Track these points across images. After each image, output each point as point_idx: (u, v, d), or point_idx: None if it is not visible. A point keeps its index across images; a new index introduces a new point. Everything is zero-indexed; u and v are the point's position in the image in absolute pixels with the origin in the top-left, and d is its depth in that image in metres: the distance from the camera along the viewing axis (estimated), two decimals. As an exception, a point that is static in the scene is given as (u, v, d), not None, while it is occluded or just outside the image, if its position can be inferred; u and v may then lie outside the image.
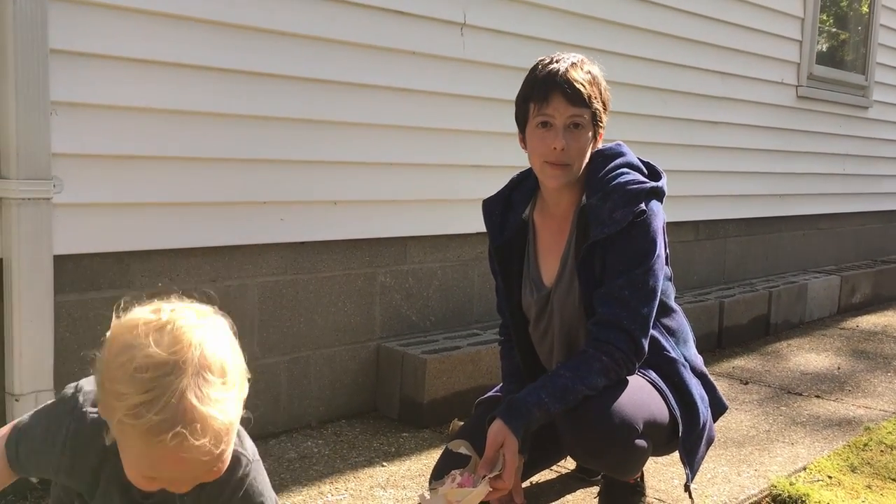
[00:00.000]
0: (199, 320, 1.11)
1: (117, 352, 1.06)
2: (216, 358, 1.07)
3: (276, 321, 2.75)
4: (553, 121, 1.92)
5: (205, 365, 1.06)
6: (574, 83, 1.90)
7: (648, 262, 1.92)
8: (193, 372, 1.04)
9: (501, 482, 1.81)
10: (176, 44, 2.37)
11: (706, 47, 4.42)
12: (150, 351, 1.04)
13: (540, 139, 1.94)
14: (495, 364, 2.97)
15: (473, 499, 1.79)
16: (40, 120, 2.10)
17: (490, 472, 1.81)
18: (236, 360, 1.12)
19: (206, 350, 1.07)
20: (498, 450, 1.82)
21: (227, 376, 1.08)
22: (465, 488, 1.80)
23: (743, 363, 3.97)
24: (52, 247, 2.17)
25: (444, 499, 1.82)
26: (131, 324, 1.08)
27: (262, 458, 2.56)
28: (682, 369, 2.05)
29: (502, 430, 1.83)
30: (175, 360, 1.04)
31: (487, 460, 1.82)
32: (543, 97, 1.92)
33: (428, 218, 3.17)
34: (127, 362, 1.04)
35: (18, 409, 2.13)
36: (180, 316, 1.09)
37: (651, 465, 2.52)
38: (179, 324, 1.07)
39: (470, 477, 1.84)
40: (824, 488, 2.50)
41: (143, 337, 1.06)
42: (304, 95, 2.69)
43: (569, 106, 1.91)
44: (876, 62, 6.00)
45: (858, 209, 6.18)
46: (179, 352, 1.05)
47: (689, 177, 4.37)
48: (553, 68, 1.93)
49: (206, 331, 1.09)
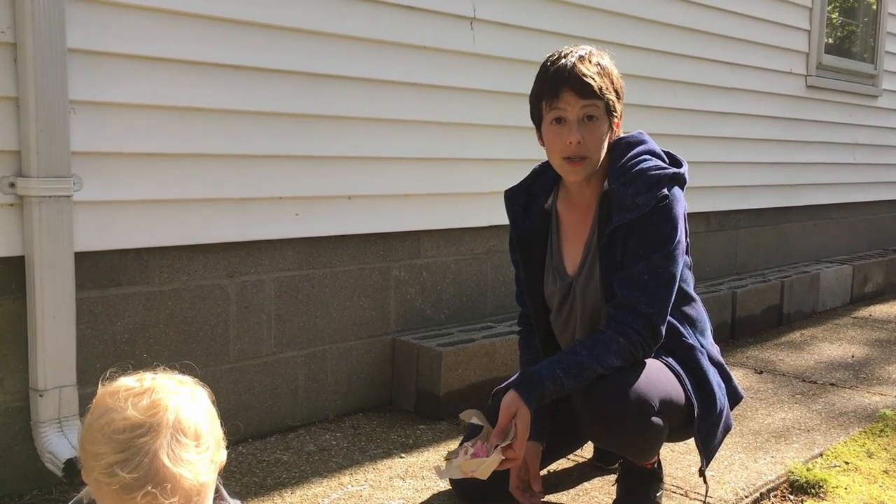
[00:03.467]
0: (178, 387, 1.16)
1: (98, 415, 1.12)
2: (191, 422, 1.12)
3: (293, 316, 2.78)
4: (566, 115, 1.94)
5: (179, 428, 1.10)
6: (583, 77, 1.92)
7: (669, 247, 1.93)
8: (167, 434, 1.09)
9: (512, 451, 1.84)
10: (192, 42, 2.39)
11: (715, 38, 4.42)
12: (127, 414, 1.09)
13: (556, 135, 1.96)
14: (510, 356, 3.00)
15: (487, 468, 1.83)
16: (59, 119, 2.12)
17: (502, 441, 1.83)
18: (212, 425, 1.17)
19: (181, 414, 1.12)
20: (510, 420, 1.86)
21: (200, 439, 1.13)
22: (478, 458, 1.84)
23: (756, 353, 3.97)
24: (72, 244, 2.19)
25: (459, 469, 1.85)
26: (113, 390, 1.14)
27: (282, 452, 2.59)
28: (700, 356, 2.06)
29: (515, 401, 1.86)
30: (151, 422, 1.09)
31: (500, 430, 1.86)
32: (554, 93, 1.94)
33: (441, 212, 3.19)
34: (105, 425, 1.09)
35: (43, 404, 2.17)
36: (160, 384, 1.15)
37: (668, 453, 2.53)
38: (158, 390, 1.13)
39: (483, 446, 1.87)
40: (841, 474, 2.51)
41: (123, 401, 1.11)
42: (317, 92, 2.71)
43: (579, 99, 1.93)
44: (885, 51, 5.99)
45: (869, 198, 6.17)
46: (155, 415, 1.10)
47: (700, 168, 4.37)
48: (561, 64, 1.95)
49: (182, 397, 1.15)
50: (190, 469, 1.09)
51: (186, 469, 1.09)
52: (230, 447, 1.27)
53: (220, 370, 2.60)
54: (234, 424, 1.22)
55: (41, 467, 2.20)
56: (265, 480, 2.36)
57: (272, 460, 2.51)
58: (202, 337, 2.56)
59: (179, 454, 1.09)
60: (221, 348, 2.61)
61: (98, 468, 1.08)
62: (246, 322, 2.66)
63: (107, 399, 1.13)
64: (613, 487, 2.24)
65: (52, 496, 2.22)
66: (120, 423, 1.09)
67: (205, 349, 2.57)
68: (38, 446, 2.20)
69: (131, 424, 1.09)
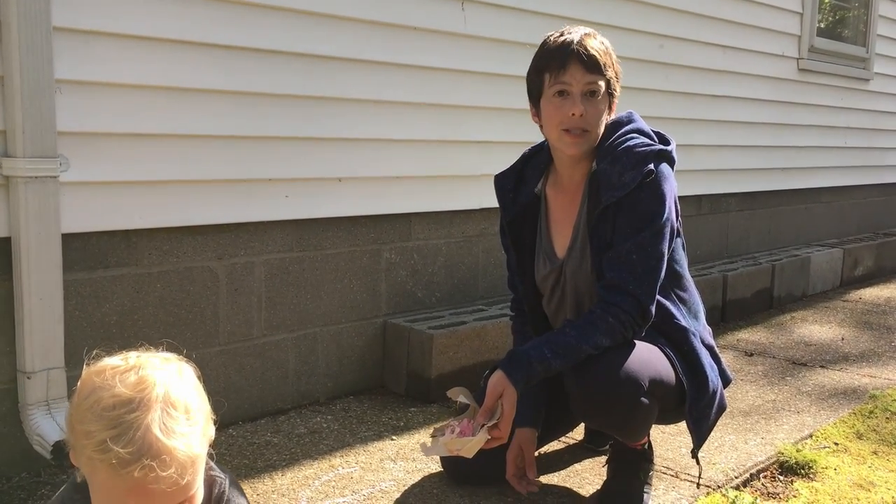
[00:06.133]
0: (164, 364, 1.17)
1: (86, 395, 1.12)
2: (180, 396, 1.13)
3: (283, 298, 2.76)
4: (570, 88, 1.94)
5: (169, 402, 1.11)
6: (590, 49, 1.94)
7: (658, 224, 1.93)
8: (158, 408, 1.10)
9: (498, 431, 1.84)
10: (180, 20, 2.36)
11: (707, 20, 4.40)
12: (116, 391, 1.10)
13: (557, 108, 1.96)
14: (501, 339, 2.99)
15: (472, 447, 1.83)
16: (45, 98, 2.10)
17: (488, 421, 1.83)
18: (200, 400, 1.17)
19: (171, 389, 1.12)
20: (497, 399, 1.85)
21: (190, 413, 1.13)
22: (464, 437, 1.83)
23: (747, 336, 3.98)
24: (59, 225, 2.17)
25: (445, 447, 1.85)
26: (99, 369, 1.14)
27: (273, 434, 2.59)
28: (693, 338, 2.06)
29: (502, 381, 1.86)
30: (140, 397, 1.09)
31: (486, 409, 1.86)
32: (561, 65, 1.93)
33: (432, 194, 3.17)
34: (95, 403, 1.10)
35: (31, 387, 2.15)
36: (146, 361, 1.15)
37: (659, 434, 2.54)
38: (145, 367, 1.14)
39: (469, 424, 1.87)
40: (831, 455, 2.52)
41: (111, 379, 1.11)
42: (307, 72, 2.69)
43: (586, 73, 1.93)
44: (877, 34, 5.98)
45: (860, 182, 6.18)
46: (144, 390, 1.10)
47: (691, 151, 4.37)
48: (567, 38, 1.96)
49: (170, 373, 1.15)
50: (182, 441, 1.10)
51: (179, 441, 1.09)
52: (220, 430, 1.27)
53: (209, 353, 2.59)
54: (217, 401, 1.21)
55: (29, 450, 2.19)
56: (255, 463, 2.35)
57: (262, 443, 2.50)
58: (192, 319, 2.55)
59: (171, 427, 1.09)
60: (211, 331, 2.59)
61: (90, 446, 1.08)
62: (236, 304, 2.65)
63: (93, 378, 1.13)
64: (604, 469, 2.24)
65: (40, 478, 2.21)
66: (109, 401, 1.09)
67: (194, 331, 2.55)
68: (26, 429, 2.18)
69: (121, 401, 1.09)
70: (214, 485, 1.29)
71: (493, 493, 2.16)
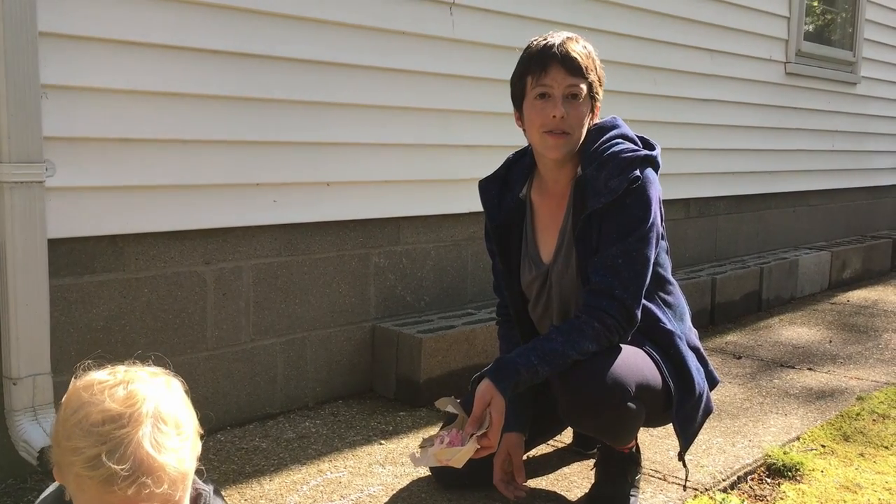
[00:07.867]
0: (153, 378, 1.15)
1: (73, 410, 1.09)
2: (170, 411, 1.11)
3: (271, 303, 2.76)
4: (551, 91, 1.95)
5: (159, 417, 1.09)
6: (571, 52, 1.95)
7: (643, 230, 1.93)
8: (148, 423, 1.08)
9: (487, 440, 1.84)
10: (166, 26, 2.36)
11: (694, 24, 4.42)
12: (105, 406, 1.07)
13: (539, 110, 1.97)
14: (490, 343, 3.00)
15: (462, 457, 1.82)
16: (31, 103, 2.09)
17: (477, 430, 1.83)
18: (189, 415, 1.16)
19: (161, 404, 1.10)
20: (485, 408, 1.85)
21: (181, 427, 1.12)
22: (453, 447, 1.83)
23: (735, 338, 4.00)
24: (45, 230, 2.16)
25: (434, 457, 1.85)
26: (87, 384, 1.12)
27: (261, 439, 2.58)
28: (679, 341, 2.07)
29: (490, 390, 1.85)
30: (130, 412, 1.07)
31: (475, 419, 1.85)
32: (542, 68, 1.95)
33: (420, 198, 3.17)
34: (83, 419, 1.07)
35: (17, 393, 2.14)
36: (134, 375, 1.13)
37: (647, 437, 2.54)
38: (134, 381, 1.12)
39: (458, 435, 1.86)
40: (818, 457, 2.53)
41: (99, 394, 1.09)
42: (294, 77, 2.68)
43: (567, 76, 1.94)
44: (864, 38, 6.02)
45: (847, 185, 6.21)
46: (134, 405, 1.08)
47: (679, 154, 4.38)
48: (550, 42, 1.98)
49: (159, 387, 1.13)
50: (174, 457, 1.08)
51: (171, 457, 1.07)
52: (207, 435, 1.26)
53: (197, 358, 2.58)
54: (205, 414, 1.20)
55: (16, 456, 2.18)
56: (244, 468, 2.34)
57: (251, 448, 2.50)
58: (179, 324, 2.54)
59: (162, 442, 1.07)
60: (199, 336, 2.59)
61: (79, 463, 1.05)
62: (224, 309, 2.64)
63: (81, 393, 1.10)
64: (592, 472, 2.24)
65: (27, 485, 2.20)
66: (98, 416, 1.06)
67: (182, 337, 2.55)
68: (12, 435, 2.17)
69: (110, 416, 1.06)
70: (199, 498, 1.28)
71: (480, 498, 2.16)
